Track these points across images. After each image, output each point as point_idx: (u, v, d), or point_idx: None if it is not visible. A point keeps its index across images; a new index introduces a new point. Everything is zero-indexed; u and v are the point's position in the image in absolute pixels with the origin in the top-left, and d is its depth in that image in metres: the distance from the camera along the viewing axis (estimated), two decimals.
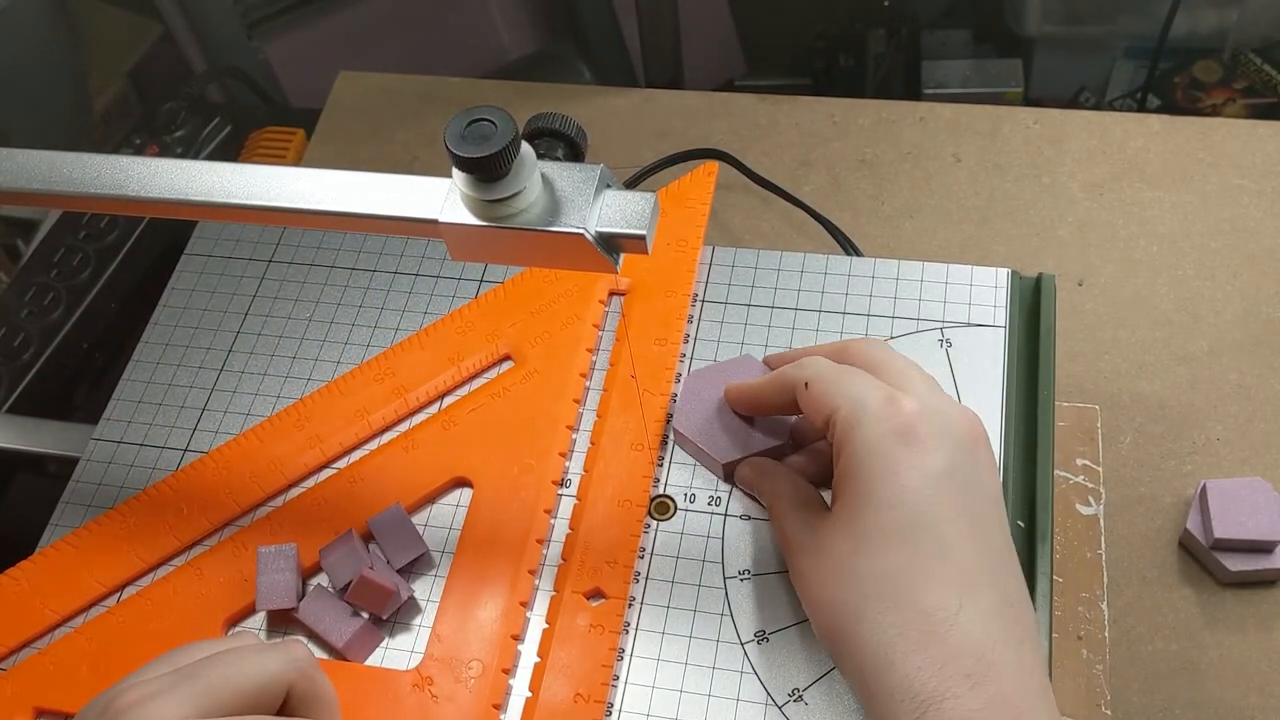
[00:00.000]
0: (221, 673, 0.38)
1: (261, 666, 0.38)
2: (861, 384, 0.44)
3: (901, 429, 0.42)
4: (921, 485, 0.41)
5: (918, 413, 0.43)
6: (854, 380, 0.44)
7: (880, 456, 0.42)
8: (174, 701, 0.37)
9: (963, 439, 0.43)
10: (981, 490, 0.43)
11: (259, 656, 0.39)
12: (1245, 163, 0.72)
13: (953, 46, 1.22)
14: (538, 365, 0.55)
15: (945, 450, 0.42)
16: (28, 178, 0.44)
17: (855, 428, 0.43)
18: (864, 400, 0.43)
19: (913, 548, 0.41)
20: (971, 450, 0.43)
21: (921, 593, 0.40)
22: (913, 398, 0.43)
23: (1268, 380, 0.63)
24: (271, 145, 0.81)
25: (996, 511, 0.43)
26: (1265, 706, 0.53)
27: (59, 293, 0.73)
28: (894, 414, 0.43)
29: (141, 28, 1.09)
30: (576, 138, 0.42)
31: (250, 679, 0.38)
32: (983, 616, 0.40)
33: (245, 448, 0.54)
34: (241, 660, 0.38)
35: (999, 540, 0.42)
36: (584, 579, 0.48)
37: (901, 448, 0.42)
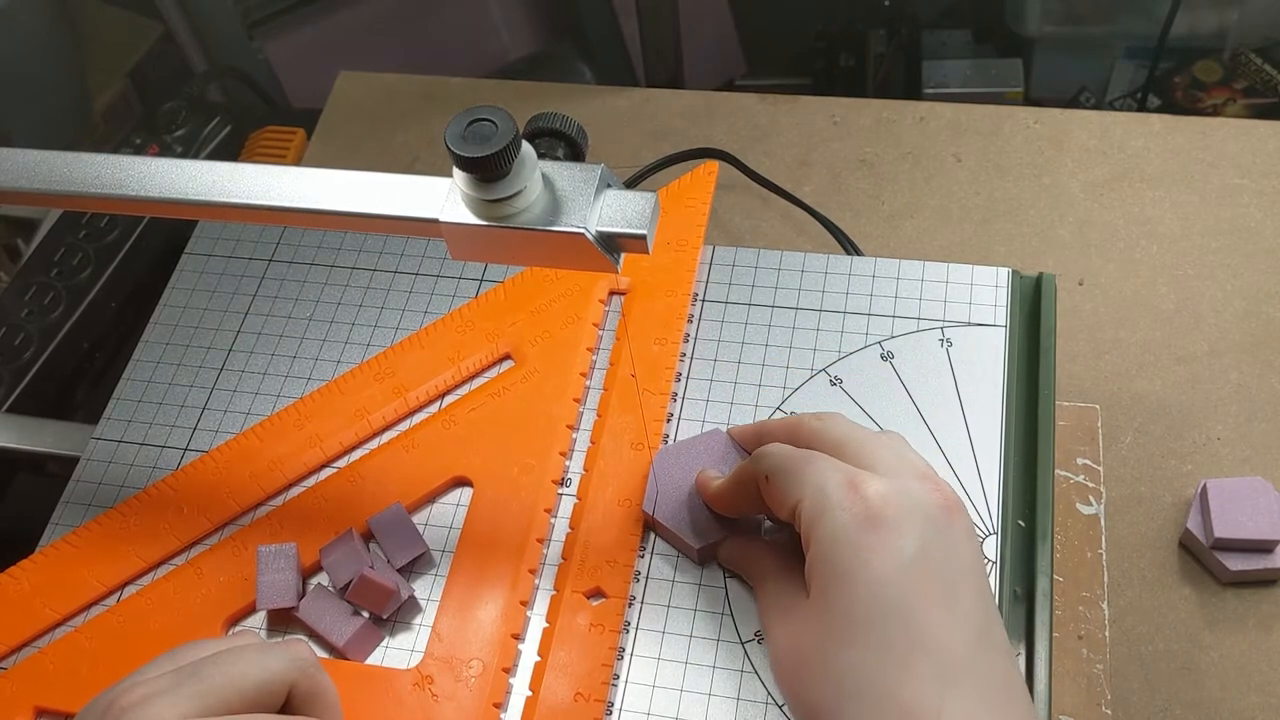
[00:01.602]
0: (223, 672, 0.38)
1: (263, 665, 0.38)
2: (822, 471, 0.42)
3: (866, 515, 0.40)
4: (891, 573, 0.39)
5: (882, 495, 0.41)
6: (814, 468, 0.42)
7: (847, 546, 0.40)
8: (176, 700, 0.37)
9: (933, 515, 0.41)
10: (958, 567, 0.41)
11: (261, 655, 0.39)
12: (1245, 163, 0.72)
13: (953, 46, 1.23)
14: (538, 365, 0.55)
15: (914, 531, 0.40)
16: (28, 177, 0.44)
17: (819, 518, 0.41)
18: (825, 489, 0.41)
19: (887, 640, 0.39)
20: (944, 526, 0.41)
21: (900, 687, 0.38)
22: (876, 479, 0.41)
23: (1268, 380, 0.63)
24: (271, 145, 0.81)
25: (975, 586, 0.41)
26: (1265, 706, 0.53)
27: (59, 292, 0.73)
28: (857, 500, 0.41)
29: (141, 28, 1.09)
30: (577, 137, 0.42)
31: (252, 678, 0.38)
32: (968, 707, 0.38)
33: (245, 447, 0.54)
34: (243, 659, 0.38)
35: (980, 618, 0.40)
36: (584, 578, 0.48)
37: (868, 534, 0.40)
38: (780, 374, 0.54)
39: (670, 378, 0.54)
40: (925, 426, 0.52)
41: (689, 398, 0.54)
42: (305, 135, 0.82)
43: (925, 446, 0.51)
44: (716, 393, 0.54)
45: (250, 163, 0.43)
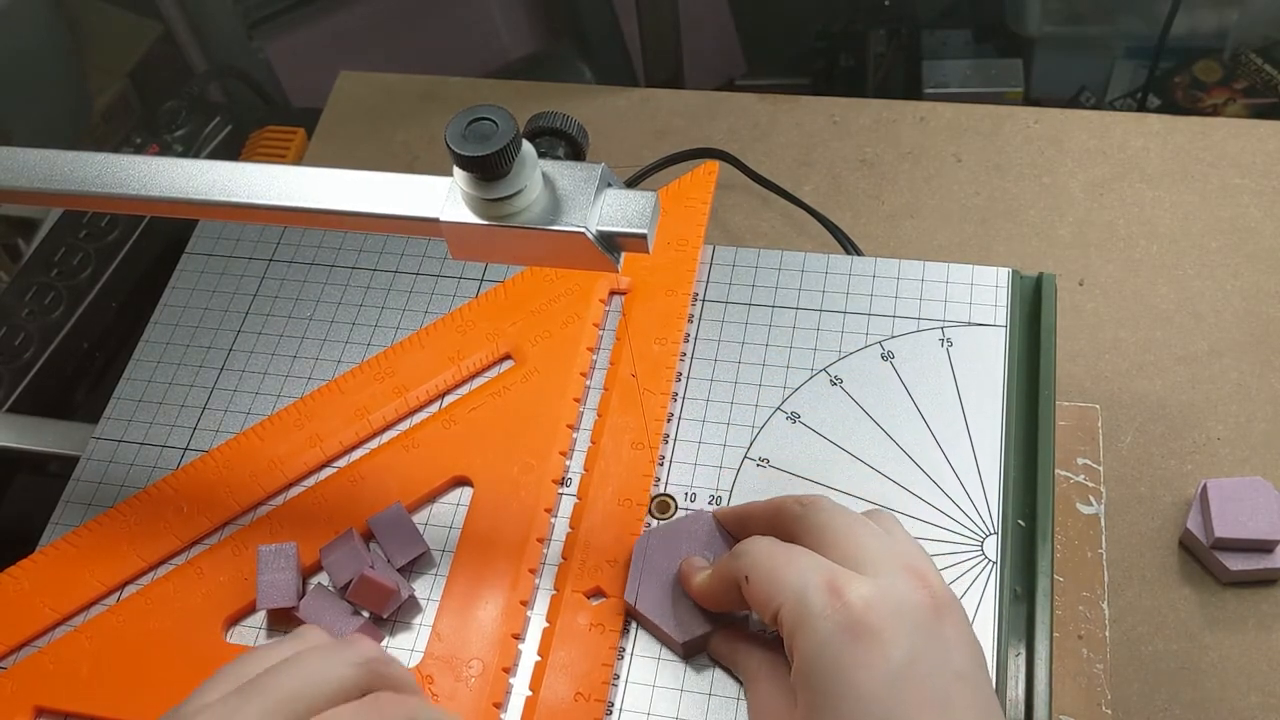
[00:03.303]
0: (292, 687, 0.36)
1: (335, 675, 0.37)
2: (802, 572, 0.39)
3: (849, 623, 0.38)
4: (879, 688, 0.37)
5: (865, 601, 0.38)
6: (794, 568, 0.40)
7: (830, 660, 0.38)
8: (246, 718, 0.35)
9: (921, 620, 0.38)
10: (951, 672, 0.38)
11: (326, 663, 0.37)
12: (1245, 163, 0.72)
13: (953, 46, 1.23)
14: (538, 364, 0.55)
15: (901, 639, 0.38)
16: (28, 177, 0.43)
17: (800, 627, 0.39)
18: (806, 594, 0.39)
19: None
20: (934, 628, 0.39)
21: None
22: (859, 581, 0.39)
23: (1268, 380, 0.63)
24: (272, 145, 0.81)
25: (970, 690, 0.38)
26: (1265, 706, 0.53)
27: (59, 292, 0.73)
28: (839, 606, 0.38)
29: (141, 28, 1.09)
30: (577, 136, 0.42)
31: (324, 689, 0.37)
32: None
33: (245, 447, 0.54)
34: (310, 669, 0.37)
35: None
36: (585, 578, 0.48)
37: (852, 646, 0.38)
38: (780, 374, 0.54)
39: (671, 377, 0.54)
40: (925, 426, 0.52)
41: (689, 398, 0.54)
42: (305, 135, 0.82)
43: (925, 446, 0.51)
44: (716, 393, 0.54)
45: (250, 162, 0.43)
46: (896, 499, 0.50)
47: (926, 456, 0.51)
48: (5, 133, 0.98)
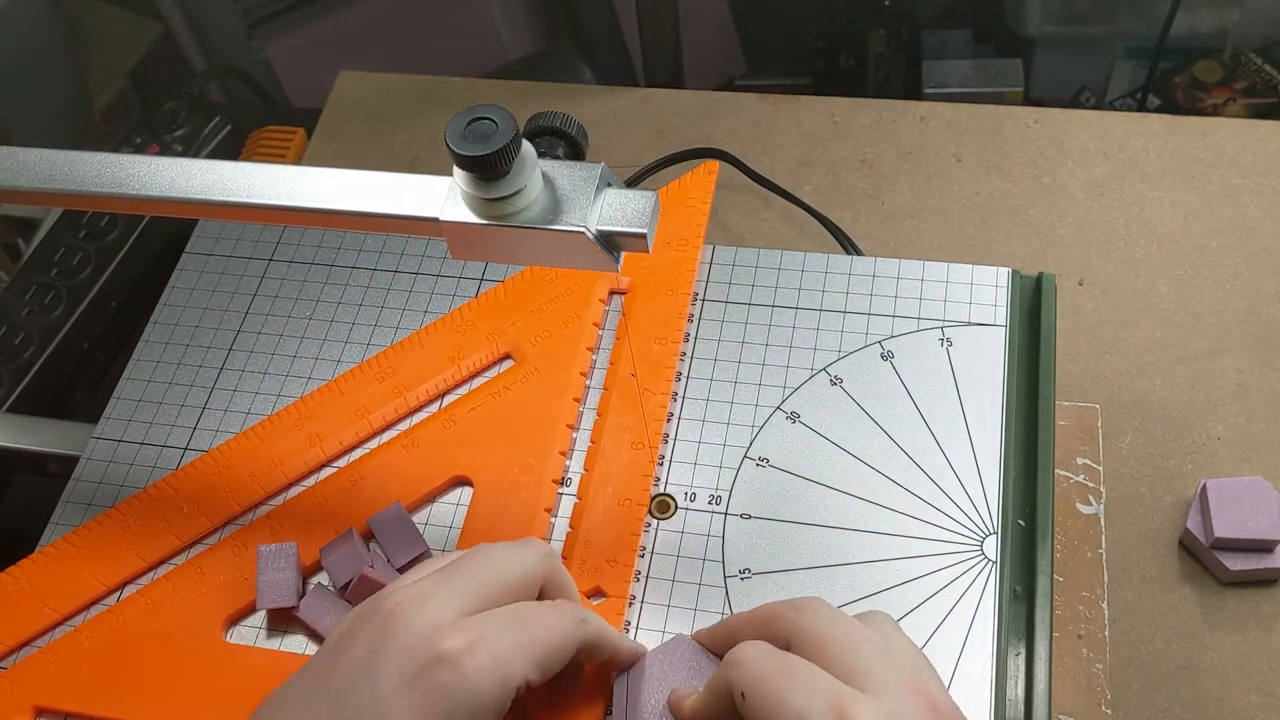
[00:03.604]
0: (482, 571, 0.40)
1: (519, 562, 0.41)
2: (805, 695, 0.37)
3: None
4: None
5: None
6: (794, 686, 0.37)
7: None
8: (443, 601, 0.39)
9: None
10: None
11: (515, 554, 0.41)
12: (1245, 163, 0.72)
13: (953, 46, 1.23)
14: (538, 364, 0.55)
15: None
16: (28, 177, 0.44)
17: None
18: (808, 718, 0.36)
19: None
20: None
21: None
22: (865, 704, 0.36)
23: (1268, 380, 0.63)
24: (271, 145, 0.81)
25: None
26: (1265, 706, 0.53)
27: (59, 292, 0.73)
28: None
29: (141, 28, 1.09)
30: (577, 136, 0.42)
31: (511, 575, 0.41)
32: None
33: (245, 447, 0.54)
34: (499, 559, 0.41)
35: None
36: (585, 578, 0.48)
37: None
38: (780, 373, 0.54)
39: (671, 377, 0.54)
40: (925, 426, 0.52)
41: (689, 397, 0.54)
42: (305, 135, 0.82)
43: (925, 446, 0.51)
44: (716, 392, 0.54)
45: (250, 162, 0.43)
46: (896, 499, 0.50)
47: (926, 456, 0.51)
48: (5, 133, 0.98)
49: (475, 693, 0.37)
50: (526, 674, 0.38)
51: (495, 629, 0.38)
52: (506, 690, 0.37)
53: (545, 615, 0.40)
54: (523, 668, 0.38)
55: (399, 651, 0.37)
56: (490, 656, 0.37)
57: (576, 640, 0.40)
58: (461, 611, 0.39)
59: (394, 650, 0.37)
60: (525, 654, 0.38)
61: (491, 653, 0.37)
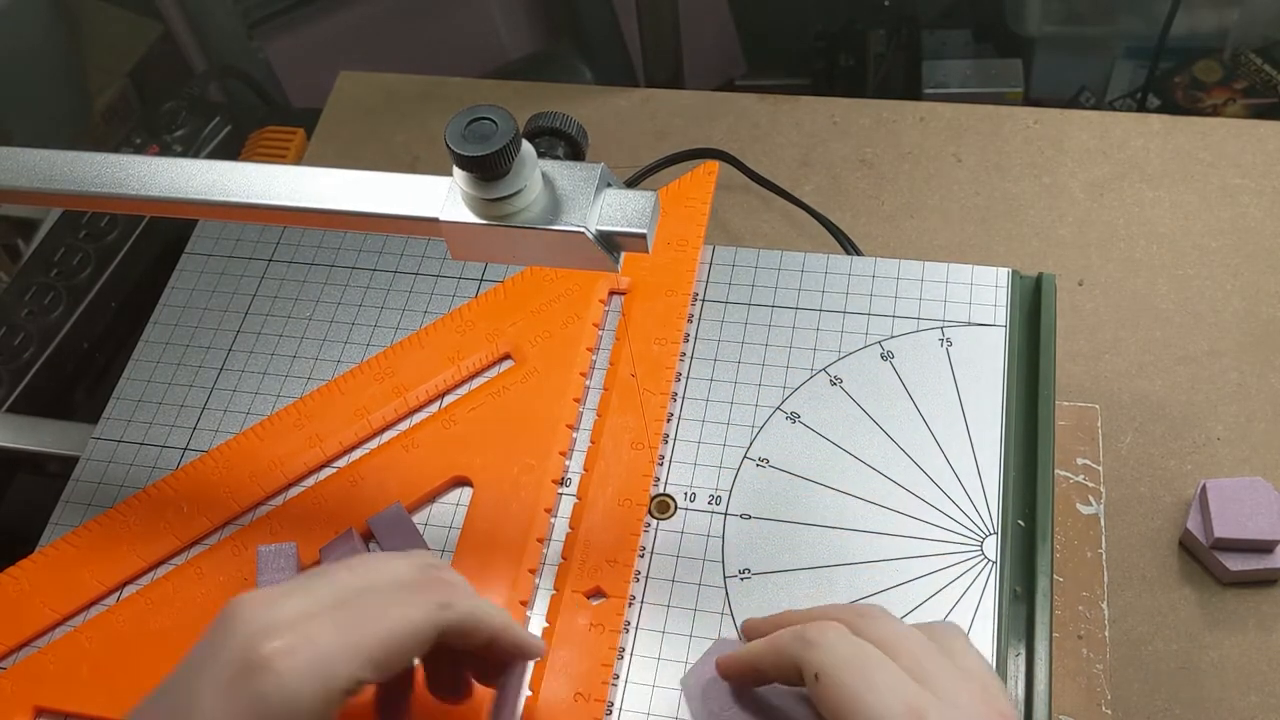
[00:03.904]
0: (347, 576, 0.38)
1: (391, 568, 0.39)
2: (882, 690, 0.37)
3: None
4: None
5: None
6: (873, 682, 0.37)
7: None
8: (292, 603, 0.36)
9: None
10: None
11: (387, 560, 0.39)
12: (1245, 163, 0.72)
13: (953, 46, 1.23)
14: (538, 364, 0.55)
15: None
16: (28, 177, 0.44)
17: None
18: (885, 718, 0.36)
19: None
20: None
21: None
22: (941, 709, 0.36)
23: (1268, 380, 0.63)
24: (271, 145, 0.81)
25: None
26: (1265, 706, 0.53)
27: (59, 292, 0.73)
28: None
29: (141, 28, 1.09)
30: (577, 136, 0.42)
31: (380, 580, 0.38)
32: None
33: (245, 447, 0.54)
34: (370, 564, 0.39)
35: None
36: (584, 578, 0.48)
37: None
38: (780, 374, 0.54)
39: (670, 377, 0.54)
40: (925, 426, 0.52)
41: (689, 398, 0.54)
42: (305, 135, 0.82)
43: (925, 446, 0.51)
44: (716, 393, 0.54)
45: (250, 162, 0.43)
46: (896, 499, 0.50)
47: (926, 456, 0.51)
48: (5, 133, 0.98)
49: (292, 697, 0.34)
50: (355, 674, 0.36)
51: (322, 628, 0.36)
52: (331, 693, 0.35)
53: (391, 608, 0.37)
54: (350, 668, 0.36)
55: (224, 654, 0.36)
56: (311, 658, 0.35)
57: (431, 628, 0.38)
58: (310, 611, 0.36)
59: (219, 653, 0.36)
60: (354, 653, 0.36)
61: (313, 654, 0.35)
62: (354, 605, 0.37)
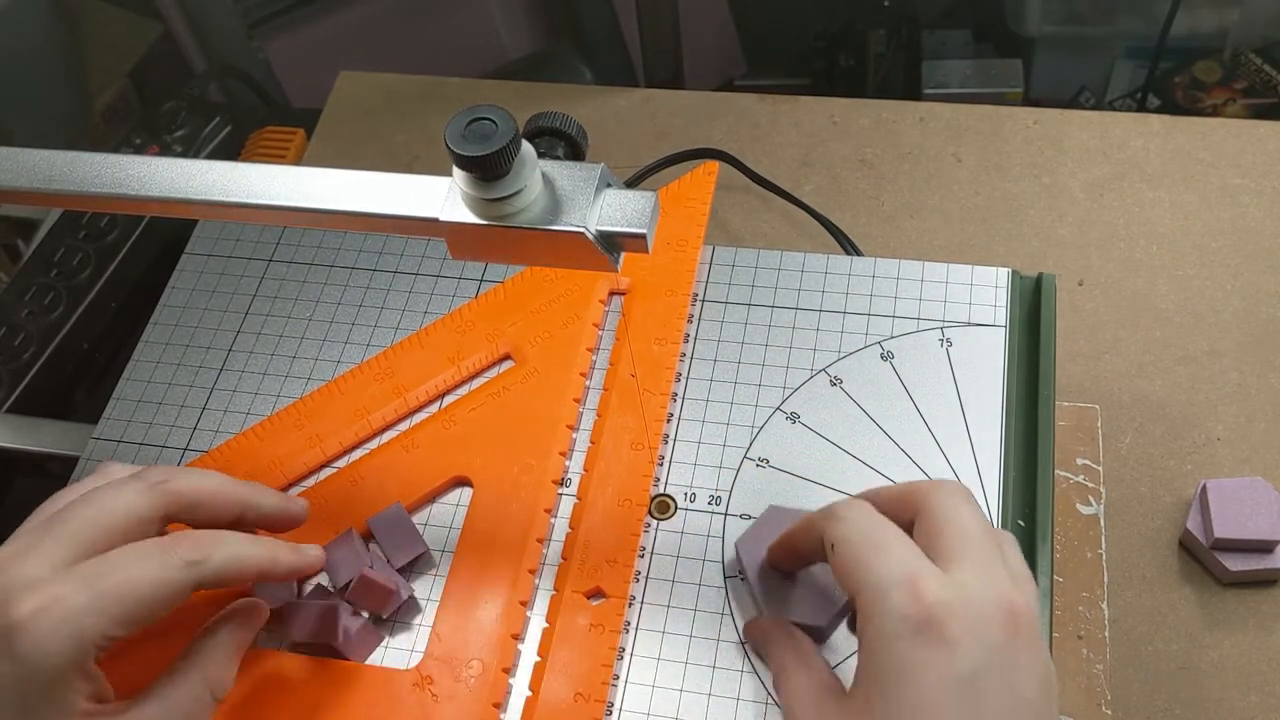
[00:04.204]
0: (79, 519, 0.40)
1: (122, 502, 0.40)
2: (888, 562, 0.38)
3: (922, 623, 0.37)
4: (940, 693, 0.36)
5: (944, 605, 0.37)
6: (882, 555, 0.39)
7: (896, 655, 0.37)
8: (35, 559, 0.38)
9: (995, 636, 0.37)
10: (1017, 695, 0.37)
11: (118, 492, 0.41)
12: (1245, 163, 0.72)
13: (953, 46, 1.23)
14: (538, 365, 0.55)
15: (972, 650, 0.37)
16: (28, 177, 0.43)
17: (873, 617, 0.38)
18: (884, 587, 0.38)
19: None
20: (1006, 647, 0.37)
21: None
22: (945, 583, 0.38)
23: (1268, 380, 0.63)
24: (271, 145, 0.81)
25: (1032, 717, 0.37)
26: (1265, 706, 0.53)
27: (59, 293, 0.73)
28: (915, 604, 0.37)
29: (141, 28, 1.09)
30: (577, 136, 0.42)
31: (112, 517, 0.40)
32: None
33: (245, 447, 0.54)
34: (99, 502, 0.40)
35: None
36: (584, 578, 0.48)
37: (920, 647, 0.37)
38: (780, 374, 0.54)
39: (670, 378, 0.54)
40: (925, 426, 0.52)
41: (689, 398, 0.54)
42: (305, 135, 0.82)
43: (925, 447, 0.51)
44: (716, 393, 0.54)
45: (250, 162, 0.43)
46: None
47: (926, 457, 0.51)
48: (5, 133, 0.98)
49: (47, 654, 0.37)
50: (105, 630, 0.38)
51: (70, 587, 0.38)
52: (84, 648, 0.37)
53: (133, 566, 0.39)
54: (99, 624, 0.37)
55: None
56: (61, 616, 0.37)
57: (181, 586, 0.40)
58: (54, 565, 0.38)
59: None
60: (102, 609, 0.38)
61: (63, 612, 0.37)
62: (103, 562, 0.39)
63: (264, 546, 0.43)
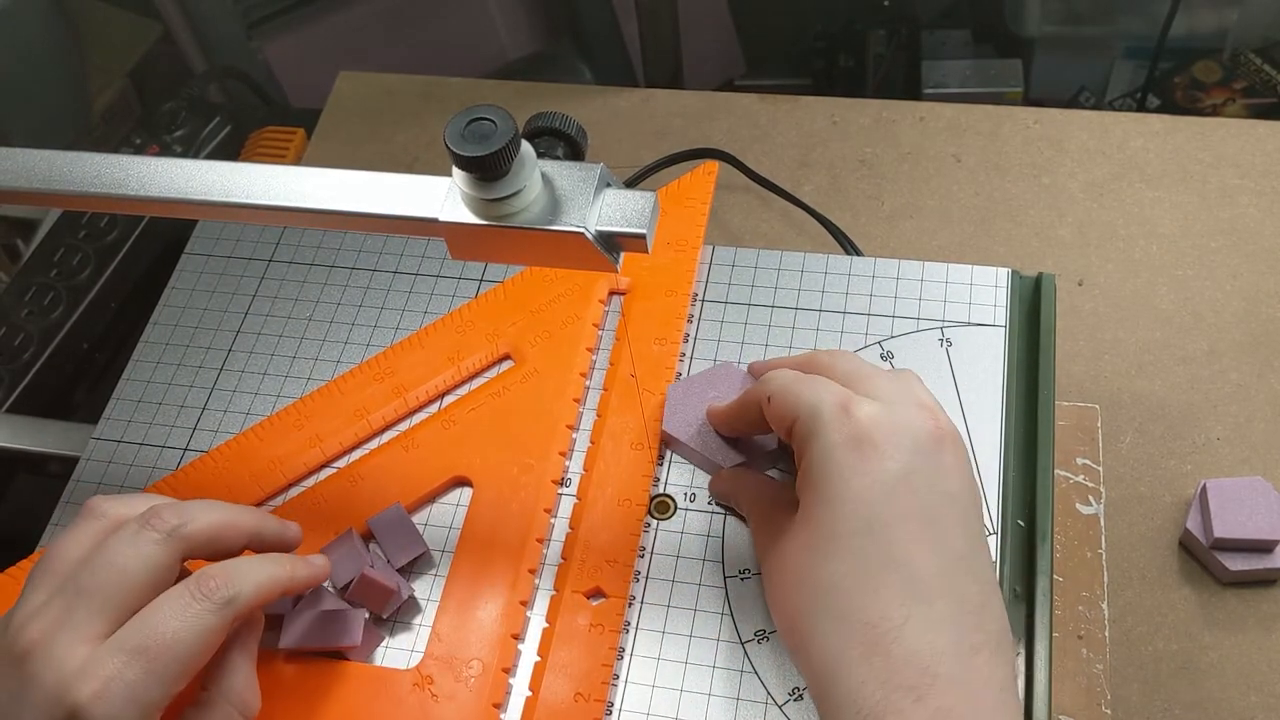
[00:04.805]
0: (103, 583, 0.39)
1: (139, 556, 0.40)
2: (819, 392, 0.43)
3: (856, 435, 0.41)
4: (872, 490, 0.41)
5: (873, 417, 0.42)
6: (812, 389, 0.44)
7: (833, 463, 0.41)
8: (72, 635, 0.38)
9: (922, 441, 0.42)
10: (943, 492, 0.41)
11: (132, 548, 0.40)
12: (1245, 163, 0.72)
13: (953, 46, 1.23)
14: (538, 365, 0.55)
15: (901, 454, 0.41)
16: (28, 177, 0.44)
17: (811, 436, 0.42)
18: (819, 408, 0.42)
19: (861, 555, 0.40)
20: (933, 452, 0.42)
21: (868, 603, 0.39)
22: (870, 402, 0.42)
23: (1268, 380, 0.63)
24: (271, 145, 0.81)
25: (959, 513, 0.42)
26: (1265, 706, 0.53)
27: (59, 293, 0.73)
28: (848, 420, 0.42)
29: (141, 28, 1.09)
30: (577, 136, 0.42)
31: (135, 575, 0.40)
32: (931, 627, 0.39)
33: (245, 447, 0.54)
34: (118, 562, 0.40)
35: (960, 544, 0.41)
36: (584, 578, 0.48)
37: (854, 454, 0.41)
38: None
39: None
40: None
41: None
42: (305, 135, 0.82)
43: None
44: None
45: (250, 162, 0.43)
46: None
47: None
48: (5, 133, 0.98)
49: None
50: (164, 694, 0.38)
51: (121, 662, 0.38)
52: (149, 718, 0.38)
53: (174, 623, 0.39)
54: (158, 691, 0.38)
55: (34, 712, 0.37)
56: (123, 695, 0.37)
57: (224, 628, 0.40)
58: (93, 638, 0.38)
59: (29, 711, 0.37)
60: (157, 675, 0.38)
61: (123, 690, 0.37)
62: (144, 626, 0.39)
63: (282, 565, 0.43)
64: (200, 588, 0.40)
